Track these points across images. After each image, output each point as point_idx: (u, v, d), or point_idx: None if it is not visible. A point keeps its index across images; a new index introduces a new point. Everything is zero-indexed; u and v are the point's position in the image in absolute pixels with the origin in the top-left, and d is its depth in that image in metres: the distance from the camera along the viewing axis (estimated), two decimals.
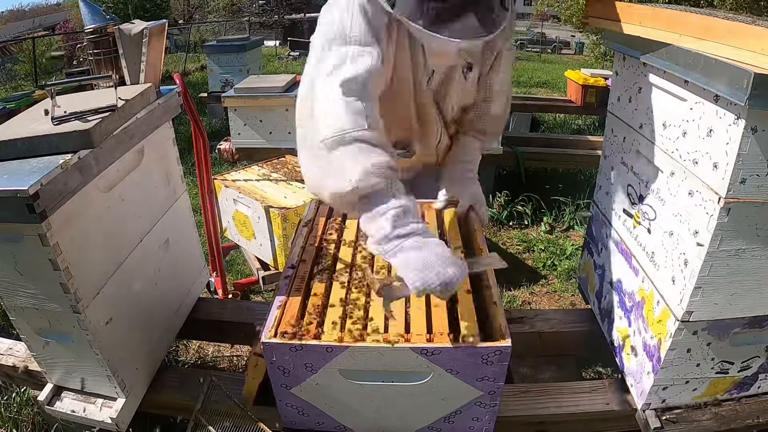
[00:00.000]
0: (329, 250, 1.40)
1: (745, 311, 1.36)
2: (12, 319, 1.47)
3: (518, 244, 3.58)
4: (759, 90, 1.05)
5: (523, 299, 2.95)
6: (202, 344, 2.45)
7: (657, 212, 1.50)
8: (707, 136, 1.25)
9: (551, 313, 2.11)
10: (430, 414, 1.22)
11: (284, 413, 1.25)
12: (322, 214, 1.58)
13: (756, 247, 1.26)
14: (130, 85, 1.86)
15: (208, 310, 2.07)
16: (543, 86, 9.81)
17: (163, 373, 1.76)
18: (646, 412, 1.51)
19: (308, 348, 1.10)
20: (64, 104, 1.46)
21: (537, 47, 22.76)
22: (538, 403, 1.59)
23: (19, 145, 1.32)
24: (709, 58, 1.20)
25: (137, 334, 1.63)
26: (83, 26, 2.28)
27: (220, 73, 6.48)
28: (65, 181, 1.29)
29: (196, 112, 2.21)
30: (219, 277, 2.61)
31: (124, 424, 1.56)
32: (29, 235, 1.25)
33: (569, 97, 5.72)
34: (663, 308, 1.43)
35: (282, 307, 1.19)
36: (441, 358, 1.09)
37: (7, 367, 1.80)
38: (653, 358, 1.47)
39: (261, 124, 3.66)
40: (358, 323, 1.15)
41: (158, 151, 1.77)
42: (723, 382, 1.51)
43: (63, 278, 1.31)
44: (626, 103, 1.70)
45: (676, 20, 1.36)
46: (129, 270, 1.58)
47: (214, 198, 2.58)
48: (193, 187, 3.42)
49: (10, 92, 8.88)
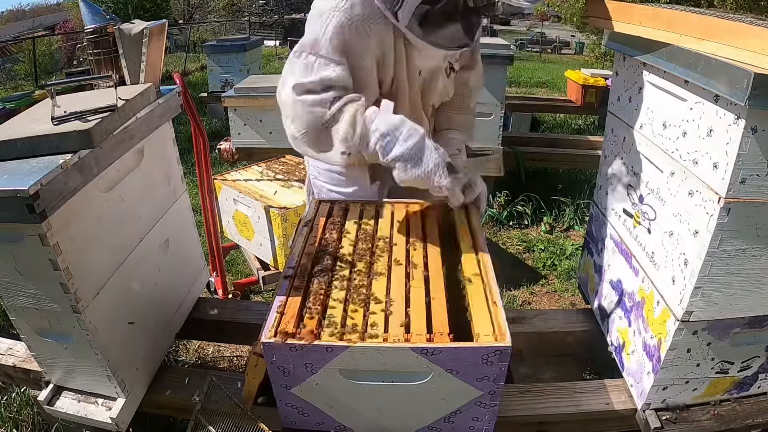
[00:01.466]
0: (329, 250, 1.40)
1: (745, 311, 1.36)
2: (12, 319, 1.47)
3: (518, 244, 3.58)
4: (759, 90, 1.05)
5: (523, 299, 2.95)
6: (202, 344, 2.45)
7: (657, 212, 1.50)
8: (707, 136, 1.25)
9: (551, 313, 2.11)
10: (430, 414, 1.22)
11: (284, 413, 1.25)
12: (322, 214, 1.58)
13: (756, 247, 1.26)
14: (130, 85, 1.86)
15: (208, 310, 2.07)
16: (543, 86, 9.81)
17: (163, 373, 1.76)
18: (646, 412, 1.51)
19: (308, 348, 1.10)
20: (64, 104, 1.45)
21: (537, 47, 22.73)
22: (538, 403, 1.59)
23: (19, 145, 1.32)
24: (709, 58, 1.20)
25: (137, 334, 1.63)
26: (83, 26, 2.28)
27: (220, 73, 6.48)
28: (65, 181, 1.29)
29: (196, 112, 2.21)
30: (219, 277, 2.61)
31: (124, 424, 1.56)
32: (29, 235, 1.25)
33: (569, 97, 5.72)
34: (663, 308, 1.43)
35: (282, 307, 1.19)
36: (441, 358, 1.09)
37: (7, 367, 1.80)
38: (653, 358, 1.47)
39: (261, 124, 3.65)
40: (359, 323, 1.15)
41: (158, 151, 1.77)
42: (723, 382, 1.51)
43: (63, 278, 1.31)
44: (626, 103, 1.70)
45: (676, 20, 1.36)
46: (129, 270, 1.58)
47: (214, 198, 2.58)
48: (193, 187, 3.42)
49: (10, 92, 8.88)
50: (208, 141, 2.38)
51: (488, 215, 3.82)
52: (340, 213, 1.57)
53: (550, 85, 9.79)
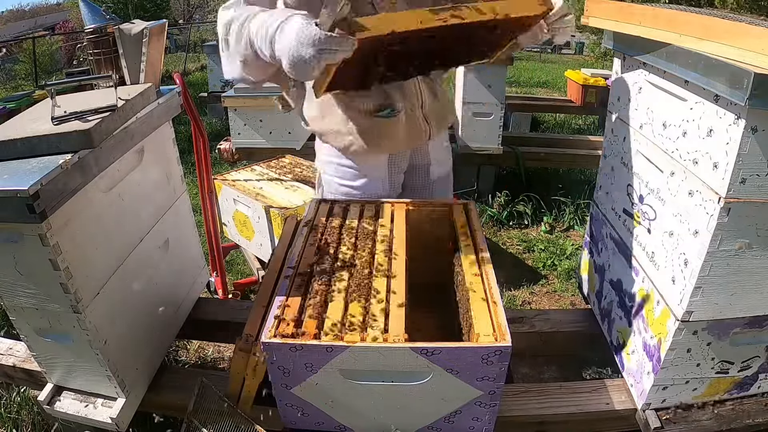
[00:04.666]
0: (329, 250, 1.40)
1: (745, 311, 1.36)
2: (12, 319, 1.47)
3: (518, 243, 3.58)
4: (759, 90, 1.05)
5: (523, 299, 2.95)
6: (202, 344, 2.46)
7: (657, 212, 1.50)
8: (707, 136, 1.25)
9: (551, 313, 2.11)
10: (430, 414, 1.22)
11: (284, 413, 1.25)
12: (322, 214, 1.58)
13: (756, 247, 1.26)
14: (130, 85, 1.86)
15: (208, 310, 2.07)
16: (543, 86, 9.81)
17: (163, 373, 1.76)
18: (646, 412, 1.51)
19: (308, 348, 1.10)
20: (64, 104, 1.45)
21: (537, 47, 22.73)
22: (538, 403, 1.59)
23: (19, 145, 1.32)
24: (709, 58, 1.20)
25: (137, 334, 1.63)
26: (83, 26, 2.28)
27: (221, 72, 6.46)
28: (65, 181, 1.29)
29: (196, 112, 2.21)
30: (219, 277, 2.61)
31: (124, 424, 1.56)
32: (29, 235, 1.25)
33: (569, 97, 5.72)
34: (663, 308, 1.43)
35: (282, 307, 1.19)
36: (441, 358, 1.09)
37: (7, 367, 1.80)
38: (653, 358, 1.47)
39: (261, 124, 3.66)
40: (359, 323, 1.15)
41: (158, 151, 1.77)
42: (723, 382, 1.51)
43: (63, 278, 1.31)
44: (626, 103, 1.70)
45: (676, 20, 1.36)
46: (129, 270, 1.58)
47: (214, 198, 2.58)
48: (193, 187, 3.42)
49: (10, 92, 8.89)
50: (208, 141, 2.38)
51: (488, 215, 3.83)
52: (340, 213, 1.57)
53: (550, 85, 9.79)
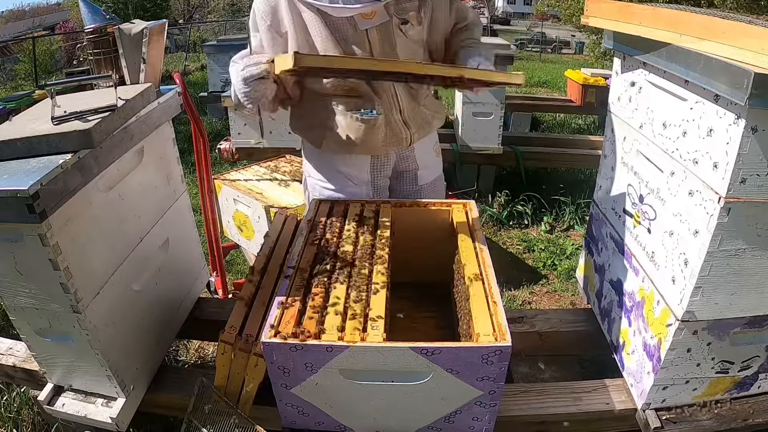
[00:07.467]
0: (329, 249, 1.40)
1: (745, 311, 1.36)
2: (12, 319, 1.47)
3: (518, 243, 3.58)
4: (759, 90, 1.05)
5: (523, 299, 2.95)
6: (202, 344, 2.45)
7: (657, 212, 1.50)
8: (707, 136, 1.25)
9: (551, 312, 2.11)
10: (430, 414, 1.22)
11: (284, 413, 1.25)
12: (323, 213, 1.58)
13: (756, 247, 1.26)
14: (130, 84, 1.86)
15: (208, 310, 2.07)
16: (543, 86, 9.81)
17: (163, 373, 1.76)
18: (646, 412, 1.51)
19: (308, 348, 1.10)
20: (64, 104, 1.45)
21: (537, 47, 22.74)
22: (538, 403, 1.59)
23: (19, 145, 1.32)
24: (709, 58, 1.20)
25: (137, 334, 1.63)
26: (83, 26, 2.28)
27: (221, 72, 6.45)
28: (65, 181, 1.29)
29: (196, 111, 2.21)
30: (219, 277, 2.60)
31: (124, 424, 1.56)
32: (29, 235, 1.25)
33: (569, 97, 5.72)
34: (663, 308, 1.43)
35: (282, 307, 1.19)
36: (441, 358, 1.09)
37: (7, 367, 1.80)
38: (653, 358, 1.47)
39: (261, 125, 3.66)
40: (359, 323, 1.15)
41: (158, 151, 1.77)
42: (723, 382, 1.51)
43: (63, 278, 1.31)
44: (626, 103, 1.70)
45: (676, 20, 1.36)
46: (129, 270, 1.58)
47: (214, 198, 2.57)
48: (193, 187, 3.42)
49: (10, 92, 8.88)
50: (208, 141, 2.37)
51: (488, 215, 3.83)
52: (340, 212, 1.57)
53: (550, 85, 9.79)
